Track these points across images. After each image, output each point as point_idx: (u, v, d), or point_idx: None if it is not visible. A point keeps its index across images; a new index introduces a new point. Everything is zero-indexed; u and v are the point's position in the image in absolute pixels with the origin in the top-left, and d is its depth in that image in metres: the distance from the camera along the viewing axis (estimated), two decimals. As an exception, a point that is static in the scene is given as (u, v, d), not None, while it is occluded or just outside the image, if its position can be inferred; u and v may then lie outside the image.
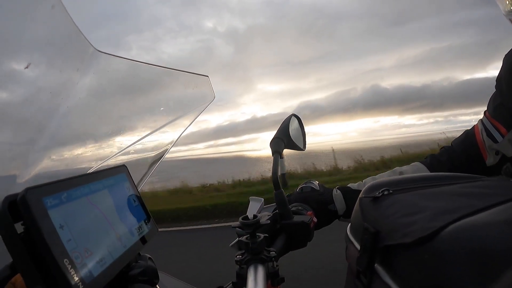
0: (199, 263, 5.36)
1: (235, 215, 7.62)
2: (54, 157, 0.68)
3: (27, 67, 0.58)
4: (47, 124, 0.66)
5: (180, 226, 8.09)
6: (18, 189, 0.40)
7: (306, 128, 1.11)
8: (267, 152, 0.98)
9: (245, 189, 10.70)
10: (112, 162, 0.76)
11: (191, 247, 6.35)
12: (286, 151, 1.01)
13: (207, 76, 0.93)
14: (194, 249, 6.18)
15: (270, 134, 1.00)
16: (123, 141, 0.81)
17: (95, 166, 0.73)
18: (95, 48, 0.67)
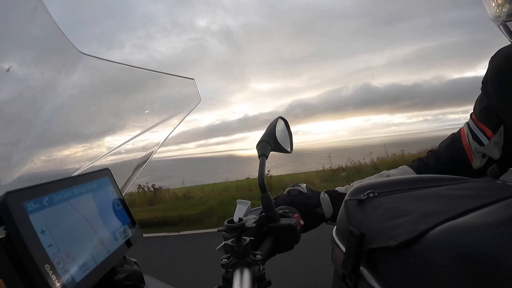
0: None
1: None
2: (36, 160, 0.67)
3: (8, 70, 0.57)
4: (29, 127, 0.65)
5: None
6: (-2, 192, 0.39)
7: (298, 127, 1.13)
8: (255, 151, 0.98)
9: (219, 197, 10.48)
10: (96, 165, 0.75)
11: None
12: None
13: (193, 79, 0.93)
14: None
15: (261, 133, 1.00)
16: (107, 144, 0.80)
17: (78, 170, 0.72)
18: (78, 50, 0.66)
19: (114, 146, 0.80)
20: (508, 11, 0.69)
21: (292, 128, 1.10)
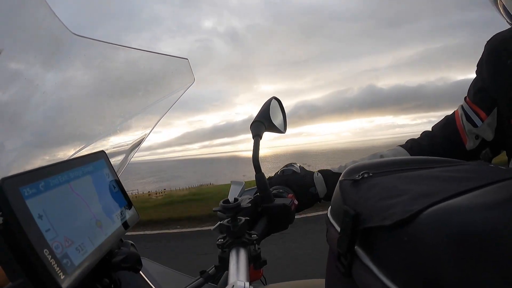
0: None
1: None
2: (30, 145, 0.66)
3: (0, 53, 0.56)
4: (22, 111, 0.64)
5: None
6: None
7: (302, 128, 1.12)
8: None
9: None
10: (91, 148, 0.75)
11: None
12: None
13: (187, 58, 0.91)
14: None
15: (266, 134, 0.99)
16: (102, 126, 0.80)
17: (73, 153, 0.71)
18: (71, 32, 0.65)
19: (109, 128, 0.79)
20: None
21: (297, 130, 1.11)
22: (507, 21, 0.75)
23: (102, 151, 0.63)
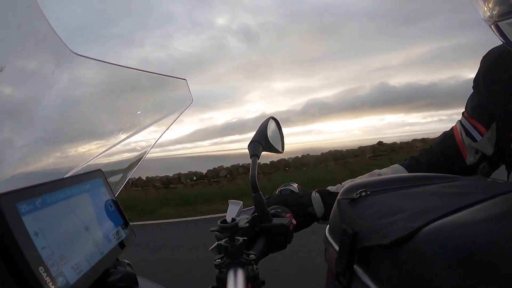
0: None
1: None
2: (28, 162, 0.66)
3: (0, 71, 0.56)
4: (21, 128, 0.64)
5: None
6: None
7: (313, 126, 1.13)
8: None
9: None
10: (89, 166, 0.75)
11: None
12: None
13: (185, 79, 0.92)
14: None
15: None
16: (99, 145, 0.80)
17: (70, 171, 0.71)
18: (71, 51, 0.66)
19: (107, 147, 0.80)
20: (499, 12, 0.70)
21: (307, 127, 1.12)
22: (500, 40, 0.76)
23: (100, 170, 0.63)
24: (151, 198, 9.96)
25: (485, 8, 0.74)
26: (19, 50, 0.62)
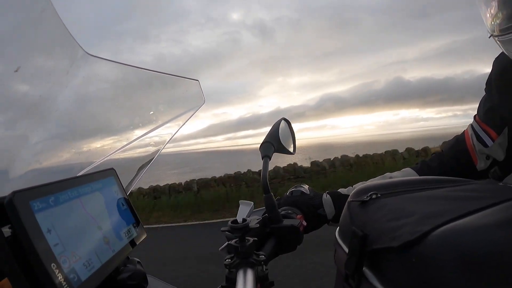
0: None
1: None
2: (42, 160, 0.67)
3: (16, 71, 0.57)
4: (36, 127, 0.65)
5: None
6: (5, 192, 0.39)
7: (326, 121, 1.12)
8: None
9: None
10: (101, 165, 0.76)
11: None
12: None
13: (197, 80, 0.93)
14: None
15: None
16: (112, 144, 0.81)
17: (83, 170, 0.72)
18: (85, 51, 0.67)
19: (119, 146, 0.80)
20: (501, 26, 0.69)
21: (320, 122, 1.12)
22: (503, 50, 0.75)
23: (112, 169, 0.63)
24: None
25: (491, 22, 0.73)
26: (35, 51, 0.63)
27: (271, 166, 0.93)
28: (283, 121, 1.05)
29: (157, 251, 5.56)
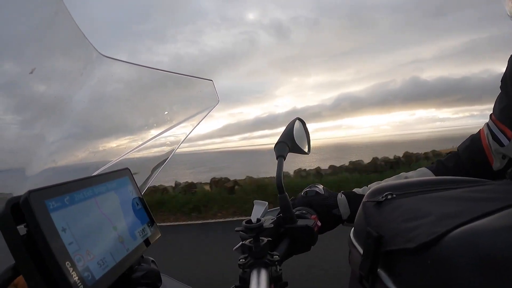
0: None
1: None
2: (57, 160, 0.68)
3: (31, 72, 0.58)
4: (50, 128, 0.66)
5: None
6: (21, 191, 0.40)
7: (341, 121, 1.12)
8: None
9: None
10: (116, 165, 0.77)
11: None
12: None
13: (211, 80, 0.93)
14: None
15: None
16: (127, 144, 0.82)
17: (98, 170, 0.73)
18: (99, 53, 0.68)
19: (134, 146, 0.81)
20: None
21: (337, 122, 1.11)
22: None
23: (127, 169, 0.64)
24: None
25: (511, 5, 0.72)
26: (49, 53, 0.64)
27: (285, 166, 0.92)
28: (297, 121, 1.05)
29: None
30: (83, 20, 0.64)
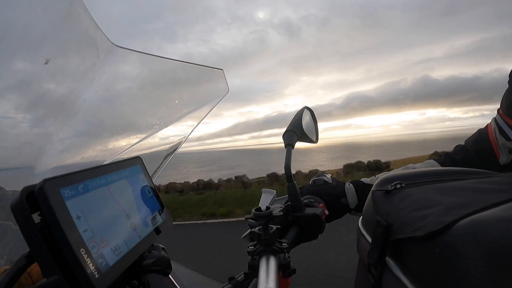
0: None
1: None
2: (71, 149, 0.69)
3: (46, 63, 0.59)
4: (64, 118, 0.67)
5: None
6: (36, 180, 0.41)
7: (351, 120, 1.12)
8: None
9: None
10: (127, 154, 0.77)
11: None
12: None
13: (222, 69, 0.93)
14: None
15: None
16: (138, 133, 0.82)
17: (110, 158, 0.74)
18: (112, 43, 0.68)
19: (144, 136, 0.82)
20: None
21: (346, 121, 1.11)
22: None
23: (138, 157, 0.64)
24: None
25: None
26: (63, 43, 0.64)
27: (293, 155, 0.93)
28: (305, 110, 1.05)
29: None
30: (94, 19, 0.64)
